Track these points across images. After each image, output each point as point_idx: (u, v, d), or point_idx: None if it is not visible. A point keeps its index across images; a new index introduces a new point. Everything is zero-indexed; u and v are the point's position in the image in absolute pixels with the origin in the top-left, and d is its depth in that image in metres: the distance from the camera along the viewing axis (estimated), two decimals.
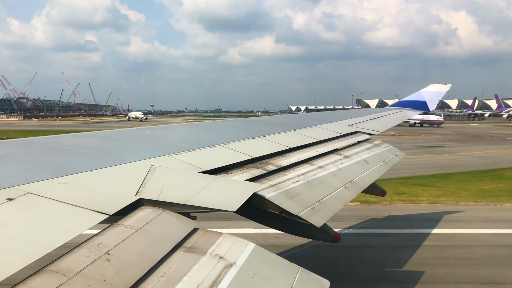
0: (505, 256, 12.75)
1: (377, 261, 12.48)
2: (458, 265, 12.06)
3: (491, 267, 11.88)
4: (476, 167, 30.71)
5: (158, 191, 3.66)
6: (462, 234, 14.92)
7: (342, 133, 9.14)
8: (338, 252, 12.69)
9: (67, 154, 4.43)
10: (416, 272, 11.46)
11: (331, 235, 5.14)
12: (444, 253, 13.01)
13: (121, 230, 2.97)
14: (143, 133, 6.42)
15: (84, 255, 2.56)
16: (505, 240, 14.47)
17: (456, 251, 13.19)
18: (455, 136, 66.54)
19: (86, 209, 3.08)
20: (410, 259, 12.41)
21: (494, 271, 11.55)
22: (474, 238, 14.50)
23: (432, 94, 16.85)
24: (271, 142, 6.84)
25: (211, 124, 8.96)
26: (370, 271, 11.69)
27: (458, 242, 14.08)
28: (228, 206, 3.72)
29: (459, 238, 14.44)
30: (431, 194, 21.21)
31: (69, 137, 5.60)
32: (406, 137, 60.14)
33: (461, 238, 14.49)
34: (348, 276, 11.35)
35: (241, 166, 5.28)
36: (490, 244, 13.89)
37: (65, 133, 6.24)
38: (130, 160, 4.44)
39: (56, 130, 69.72)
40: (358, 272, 11.60)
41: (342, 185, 5.93)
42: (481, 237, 14.60)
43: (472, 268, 11.82)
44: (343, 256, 12.66)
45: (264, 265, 3.24)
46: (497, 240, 14.32)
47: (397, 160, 9.05)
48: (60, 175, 3.58)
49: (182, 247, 3.05)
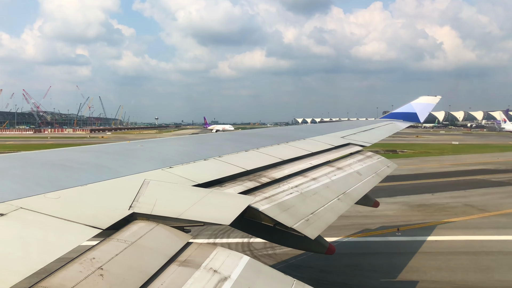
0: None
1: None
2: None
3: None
4: None
5: (152, 205, 3.64)
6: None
7: (335, 145, 9.18)
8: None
9: (59, 169, 4.41)
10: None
11: (326, 247, 5.13)
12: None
13: (114, 245, 2.94)
14: (136, 146, 6.40)
15: (77, 270, 2.53)
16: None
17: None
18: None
19: (78, 223, 3.06)
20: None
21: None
22: None
23: (422, 106, 17.11)
24: (265, 154, 6.85)
25: (204, 137, 8.97)
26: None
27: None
28: (222, 220, 3.71)
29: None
30: None
31: (61, 151, 5.57)
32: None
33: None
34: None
35: (235, 179, 5.28)
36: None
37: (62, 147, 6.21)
38: (123, 174, 4.43)
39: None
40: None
41: (336, 197, 5.94)
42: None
43: None
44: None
45: (258, 278, 3.23)
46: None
47: (389, 171, 9.10)
48: (53, 190, 3.56)
49: (176, 261, 3.03)
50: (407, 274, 12.35)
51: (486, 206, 21.73)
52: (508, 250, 14.72)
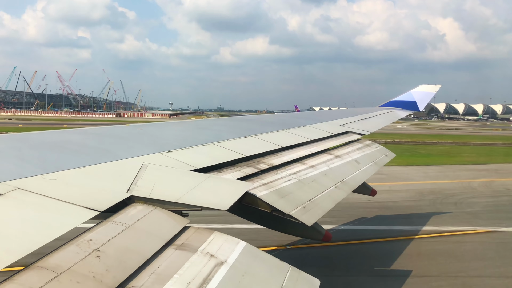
0: None
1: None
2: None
3: None
4: None
5: (150, 189, 3.64)
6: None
7: (334, 133, 9.18)
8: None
9: (58, 150, 4.40)
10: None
11: (322, 233, 5.16)
12: None
13: (112, 227, 2.95)
14: (135, 130, 6.39)
15: (73, 251, 2.55)
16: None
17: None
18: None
19: (76, 205, 3.06)
20: None
21: None
22: None
23: (422, 94, 17.07)
24: (264, 141, 6.84)
25: (204, 122, 8.95)
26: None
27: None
28: (219, 205, 3.72)
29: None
30: None
31: (60, 133, 5.56)
32: None
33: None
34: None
35: (233, 165, 5.28)
36: None
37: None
38: (122, 157, 4.42)
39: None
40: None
41: (333, 185, 5.95)
42: None
43: None
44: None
45: (255, 264, 3.25)
46: None
47: (387, 160, 9.12)
48: (51, 171, 3.56)
49: (173, 245, 3.05)
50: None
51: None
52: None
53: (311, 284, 3.33)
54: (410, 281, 10.67)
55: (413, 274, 11.13)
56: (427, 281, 10.79)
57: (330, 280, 10.33)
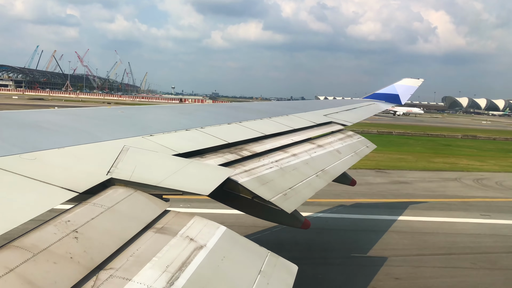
0: None
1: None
2: None
3: None
4: None
5: (130, 172, 3.61)
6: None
7: (317, 123, 9.22)
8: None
9: (37, 130, 4.31)
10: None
11: (301, 221, 5.22)
12: None
13: (91, 209, 2.93)
14: (117, 112, 6.30)
15: (51, 232, 2.52)
16: None
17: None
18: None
19: (54, 186, 3.02)
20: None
21: None
22: None
23: (404, 88, 17.25)
24: (247, 128, 6.84)
25: (187, 107, 8.89)
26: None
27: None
28: (201, 190, 3.71)
29: None
30: None
31: (40, 112, 5.44)
32: None
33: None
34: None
35: (216, 151, 5.27)
36: None
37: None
38: (103, 139, 4.36)
39: None
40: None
41: (314, 173, 6.00)
42: None
43: None
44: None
45: (234, 248, 3.27)
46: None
47: (368, 151, 9.24)
48: (29, 151, 3.49)
49: (153, 228, 3.04)
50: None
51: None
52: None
53: (289, 270, 3.38)
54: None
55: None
56: None
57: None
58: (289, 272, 3.35)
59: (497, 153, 40.06)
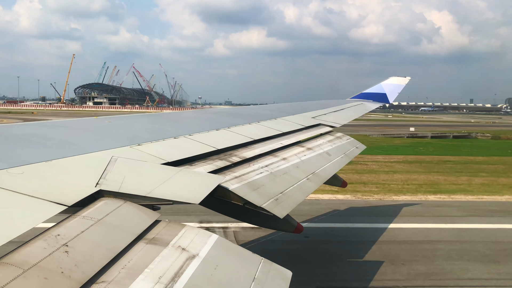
0: None
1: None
2: None
3: None
4: None
5: (119, 183, 3.58)
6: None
7: (305, 125, 9.26)
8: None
9: (23, 144, 4.26)
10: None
11: (294, 225, 5.22)
12: None
13: (80, 222, 2.89)
14: (104, 123, 6.25)
15: (41, 247, 2.48)
16: None
17: None
18: None
19: (43, 200, 2.98)
20: None
21: None
22: None
23: (392, 86, 17.33)
24: (236, 133, 6.84)
25: (175, 114, 8.86)
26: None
27: None
28: (191, 199, 3.70)
29: None
30: None
31: (25, 125, 5.38)
32: None
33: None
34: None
35: (205, 158, 5.25)
36: None
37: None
38: (90, 150, 4.32)
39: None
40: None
41: (305, 177, 6.02)
42: None
43: None
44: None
45: (227, 257, 3.26)
46: None
47: (358, 152, 9.29)
48: (16, 165, 3.44)
49: (144, 239, 3.01)
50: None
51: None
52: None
53: (283, 276, 3.37)
54: None
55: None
56: None
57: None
58: (284, 278, 3.35)
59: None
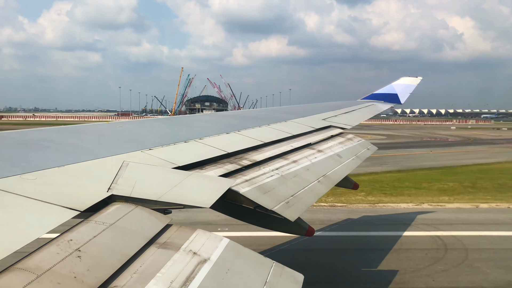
0: None
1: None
2: None
3: None
4: None
5: (131, 187, 3.61)
6: None
7: (316, 128, 9.23)
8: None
9: (36, 149, 4.32)
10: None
11: (305, 228, 5.19)
12: None
13: (93, 227, 2.92)
14: (115, 127, 6.31)
15: (54, 252, 2.51)
16: None
17: None
18: None
19: (56, 205, 3.01)
20: None
21: None
22: None
23: (403, 86, 17.16)
24: (246, 137, 6.84)
25: (186, 118, 8.89)
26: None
27: None
28: (202, 202, 3.71)
29: None
30: None
31: (38, 131, 5.45)
32: None
33: None
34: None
35: (216, 161, 5.26)
36: None
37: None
38: (102, 155, 4.36)
39: None
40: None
41: (316, 179, 6.00)
42: None
43: None
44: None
45: (238, 260, 3.25)
46: None
47: (369, 154, 9.22)
48: (29, 171, 3.49)
49: (155, 243, 3.03)
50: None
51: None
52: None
53: (295, 279, 3.36)
54: None
55: None
56: None
57: None
58: (295, 281, 3.34)
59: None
